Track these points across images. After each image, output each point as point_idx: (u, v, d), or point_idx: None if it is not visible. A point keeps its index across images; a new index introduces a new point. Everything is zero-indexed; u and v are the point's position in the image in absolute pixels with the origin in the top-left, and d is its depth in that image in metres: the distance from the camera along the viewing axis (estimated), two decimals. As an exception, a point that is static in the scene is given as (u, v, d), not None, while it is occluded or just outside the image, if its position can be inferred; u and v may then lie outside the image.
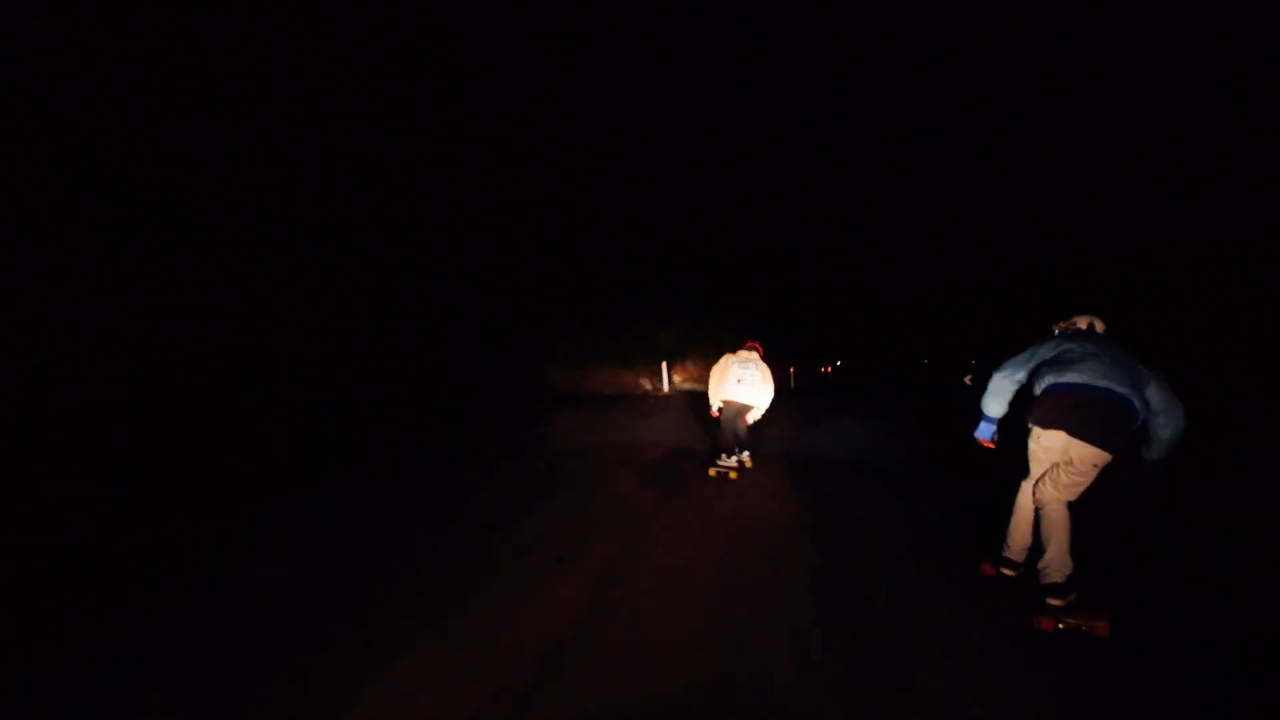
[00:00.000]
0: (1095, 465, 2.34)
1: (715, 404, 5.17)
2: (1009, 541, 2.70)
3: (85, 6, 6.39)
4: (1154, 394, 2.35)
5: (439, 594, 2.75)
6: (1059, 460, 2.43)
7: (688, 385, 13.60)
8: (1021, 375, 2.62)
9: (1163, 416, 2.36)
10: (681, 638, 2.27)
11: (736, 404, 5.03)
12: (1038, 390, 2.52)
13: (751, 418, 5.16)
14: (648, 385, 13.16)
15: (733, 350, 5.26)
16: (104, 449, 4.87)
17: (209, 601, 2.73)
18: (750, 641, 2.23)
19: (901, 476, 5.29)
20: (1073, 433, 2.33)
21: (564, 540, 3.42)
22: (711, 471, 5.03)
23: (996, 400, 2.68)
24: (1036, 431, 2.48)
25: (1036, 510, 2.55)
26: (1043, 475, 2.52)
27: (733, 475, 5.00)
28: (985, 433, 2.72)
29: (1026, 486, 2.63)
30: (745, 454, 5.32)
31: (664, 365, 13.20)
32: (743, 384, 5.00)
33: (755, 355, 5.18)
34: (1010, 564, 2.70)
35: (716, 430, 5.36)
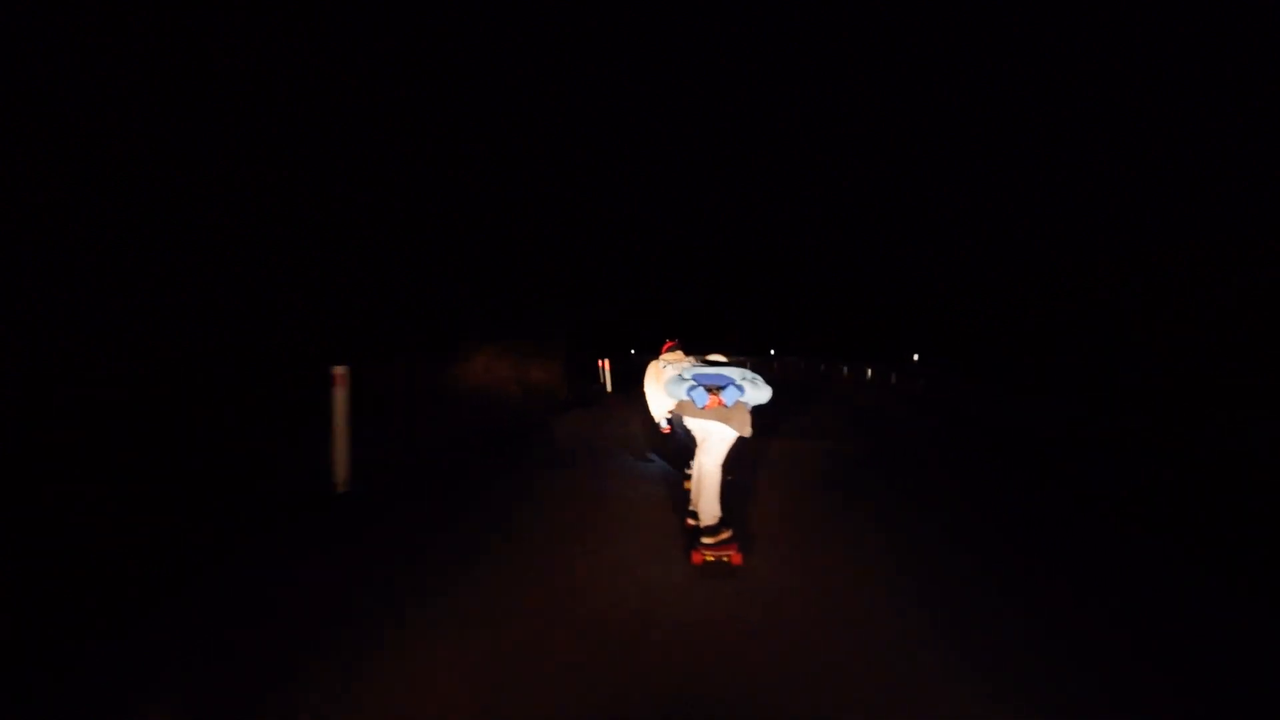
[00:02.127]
0: (725, 439, 3.29)
1: (661, 418, 4.52)
2: (690, 498, 3.65)
3: (85, 6, 6.39)
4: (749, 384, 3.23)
5: (435, 595, 2.75)
6: (705, 436, 3.36)
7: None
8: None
9: (750, 392, 3.23)
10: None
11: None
12: (682, 393, 3.36)
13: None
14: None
15: (655, 357, 4.56)
16: (104, 449, 4.87)
17: (209, 602, 2.73)
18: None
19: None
20: (710, 417, 3.20)
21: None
22: (690, 515, 3.95)
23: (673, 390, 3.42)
24: (688, 420, 3.44)
25: (699, 471, 3.41)
26: (700, 446, 3.43)
27: (686, 484, 4.14)
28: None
29: (697, 455, 3.50)
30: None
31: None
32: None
33: (680, 354, 4.32)
34: (693, 514, 3.54)
35: (667, 448, 4.67)
